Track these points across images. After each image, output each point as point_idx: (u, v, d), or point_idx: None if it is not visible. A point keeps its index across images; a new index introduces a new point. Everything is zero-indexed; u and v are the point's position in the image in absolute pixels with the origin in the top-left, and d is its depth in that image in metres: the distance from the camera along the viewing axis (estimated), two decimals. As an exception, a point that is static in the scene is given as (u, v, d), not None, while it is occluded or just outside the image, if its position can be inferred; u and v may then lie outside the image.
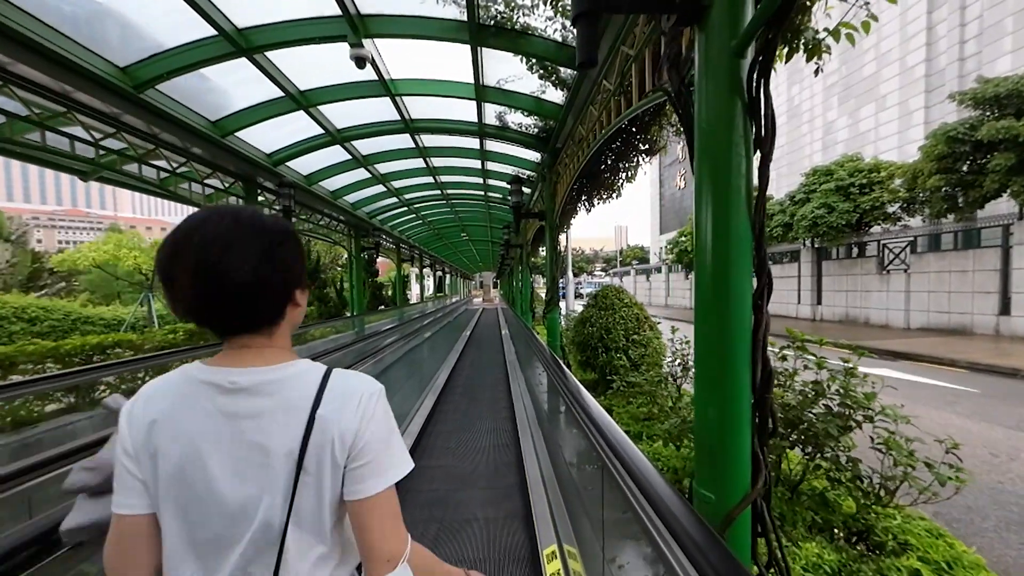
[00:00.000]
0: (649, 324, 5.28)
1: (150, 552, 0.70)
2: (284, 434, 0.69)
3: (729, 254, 1.69)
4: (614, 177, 6.06)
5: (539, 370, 6.99)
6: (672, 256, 33.96)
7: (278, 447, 0.69)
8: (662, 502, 1.27)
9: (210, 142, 5.23)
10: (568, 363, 6.71)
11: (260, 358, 0.74)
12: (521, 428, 4.92)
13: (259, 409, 0.70)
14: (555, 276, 6.68)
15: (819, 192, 18.81)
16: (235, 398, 0.70)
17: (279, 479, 0.69)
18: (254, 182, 6.52)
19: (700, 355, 1.80)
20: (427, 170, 8.94)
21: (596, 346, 5.32)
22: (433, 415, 5.83)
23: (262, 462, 0.69)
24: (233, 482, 0.68)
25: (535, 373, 7.06)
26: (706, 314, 1.77)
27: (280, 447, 0.69)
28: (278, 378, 0.72)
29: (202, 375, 0.72)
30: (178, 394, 0.71)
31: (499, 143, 7.18)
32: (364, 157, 7.77)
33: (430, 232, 17.17)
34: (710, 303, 1.75)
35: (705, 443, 1.80)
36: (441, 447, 4.65)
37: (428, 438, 4.92)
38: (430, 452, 4.50)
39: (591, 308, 5.60)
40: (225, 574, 0.68)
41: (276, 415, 0.70)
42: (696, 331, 1.81)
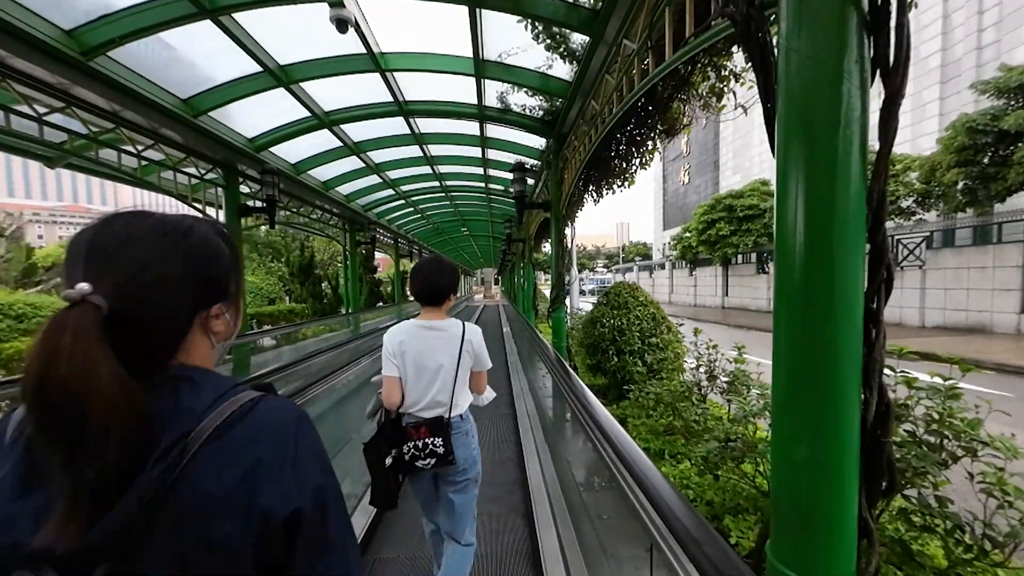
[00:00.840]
0: (667, 325, 4.76)
1: (399, 390, 1.87)
2: (452, 345, 1.90)
3: (831, 238, 1.18)
4: (626, 164, 5.53)
5: (542, 372, 6.51)
6: (676, 252, 33.43)
7: (452, 349, 1.90)
8: (686, 532, 1.15)
9: (181, 123, 4.72)
10: (575, 366, 6.22)
11: (438, 316, 1.95)
12: (525, 442, 4.44)
13: (441, 335, 1.91)
14: (561, 272, 6.17)
15: (831, 186, 18.23)
16: (432, 331, 1.91)
17: (453, 359, 1.88)
18: (235, 169, 6.01)
19: (782, 379, 1.30)
20: (424, 159, 8.42)
21: (607, 349, 4.81)
22: None
23: (445, 354, 1.89)
24: (434, 359, 1.88)
25: (538, 376, 6.58)
26: (792, 322, 1.26)
27: (452, 349, 1.90)
28: (446, 324, 1.94)
29: (418, 323, 1.92)
30: (409, 329, 1.91)
31: (501, 128, 6.65)
32: (356, 144, 7.25)
33: (429, 227, 16.66)
34: (798, 307, 1.25)
35: (787, 499, 1.30)
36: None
37: None
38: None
39: (602, 307, 5.08)
40: (429, 396, 1.86)
41: (448, 338, 1.91)
42: (776, 346, 1.30)
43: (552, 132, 6.01)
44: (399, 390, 1.85)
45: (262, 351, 7.48)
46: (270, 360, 6.55)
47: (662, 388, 3.57)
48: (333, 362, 5.86)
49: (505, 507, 3.31)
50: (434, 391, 1.86)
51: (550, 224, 9.84)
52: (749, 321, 20.93)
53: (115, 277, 0.52)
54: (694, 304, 34.21)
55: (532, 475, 3.74)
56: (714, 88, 3.53)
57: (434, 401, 1.86)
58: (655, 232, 55.45)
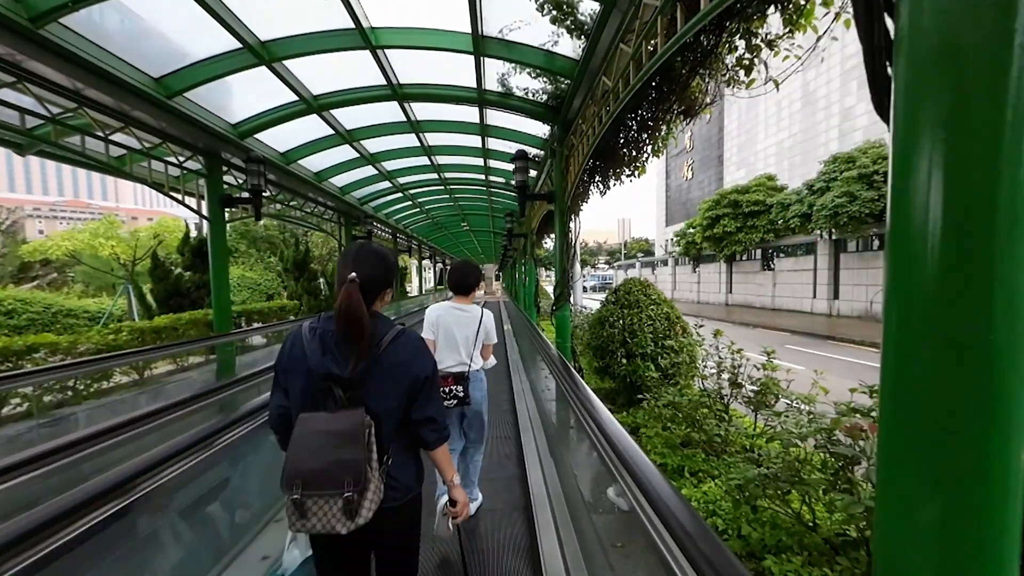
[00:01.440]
0: (682, 326, 4.37)
1: (432, 350, 2.54)
2: (474, 323, 2.70)
3: (994, 219, 0.80)
4: (637, 151, 5.13)
5: (544, 373, 6.14)
6: (680, 248, 33.02)
7: (473, 326, 2.69)
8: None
9: (154, 104, 4.34)
10: (580, 368, 5.84)
11: (466, 302, 2.77)
12: (527, 450, 4.07)
13: (466, 315, 2.71)
14: (566, 267, 5.79)
15: (840, 180, 17.78)
16: (460, 311, 2.71)
17: (473, 333, 2.67)
18: (217, 157, 5.62)
19: (899, 400, 0.92)
20: (421, 149, 8.02)
21: (616, 351, 4.44)
22: None
23: (468, 329, 2.68)
24: (461, 331, 2.67)
25: (540, 377, 6.21)
26: (918, 329, 0.88)
27: (473, 326, 2.69)
28: (470, 308, 2.75)
29: (451, 304, 2.73)
30: (445, 308, 2.72)
31: (502, 113, 6.26)
32: (348, 132, 6.86)
33: (429, 222, 16.27)
34: (929, 309, 0.87)
35: (908, 562, 0.93)
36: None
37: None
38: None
39: (610, 306, 4.69)
40: (456, 357, 2.64)
41: (470, 318, 2.71)
42: (887, 360, 0.93)
43: (557, 118, 5.62)
44: (432, 350, 2.62)
45: (246, 351, 7.04)
46: (246, 365, 6.03)
47: (679, 396, 3.19)
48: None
49: (506, 535, 2.95)
50: (460, 354, 2.68)
51: (553, 217, 9.48)
52: (754, 318, 20.55)
53: (362, 271, 1.27)
54: (697, 301, 33.81)
55: (535, 489, 3.40)
56: (741, 60, 3.14)
57: (459, 361, 2.68)
58: (657, 228, 54.97)
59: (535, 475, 3.49)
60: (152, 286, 8.13)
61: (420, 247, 20.08)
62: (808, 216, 19.43)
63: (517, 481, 3.67)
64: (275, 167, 6.63)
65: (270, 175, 7.13)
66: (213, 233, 5.54)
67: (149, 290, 8.30)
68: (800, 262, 22.77)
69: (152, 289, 8.19)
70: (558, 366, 3.62)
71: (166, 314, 7.45)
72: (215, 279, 5.55)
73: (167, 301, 8.16)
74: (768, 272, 25.40)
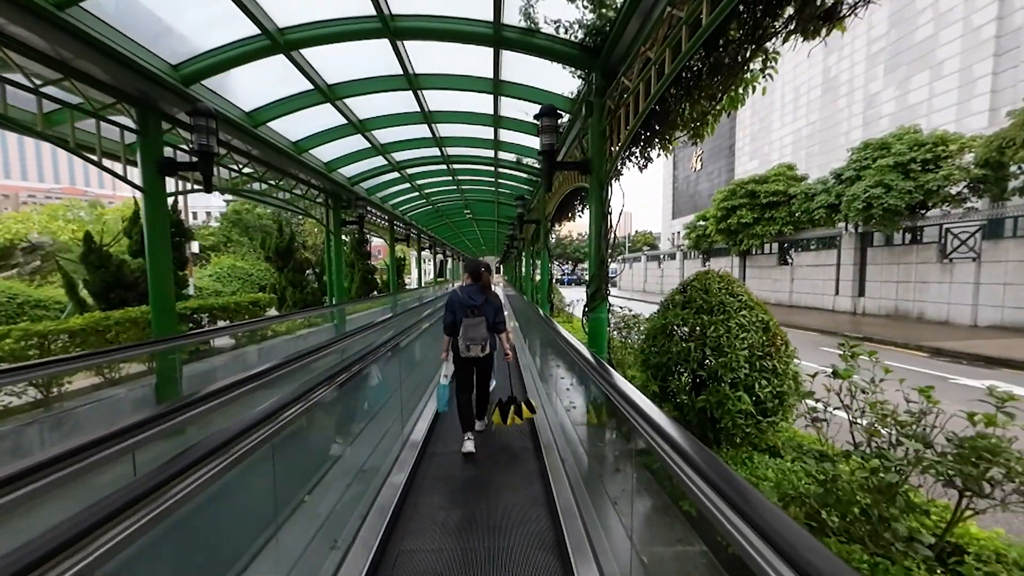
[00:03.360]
0: (783, 338, 3.11)
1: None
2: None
3: None
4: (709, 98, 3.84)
5: (565, 382, 4.90)
6: (689, 241, 31.72)
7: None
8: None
9: (45, 19, 3.05)
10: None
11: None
12: (559, 496, 2.87)
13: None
14: (604, 255, 4.54)
15: (873, 169, 16.46)
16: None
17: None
18: (154, 109, 4.33)
19: None
20: (421, 115, 6.72)
21: (686, 372, 3.18)
22: (425, 454, 3.75)
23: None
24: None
25: (560, 388, 4.98)
26: None
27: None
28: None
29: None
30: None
31: (521, 64, 4.98)
32: (330, 88, 5.56)
33: (429, 208, 14.96)
34: None
35: None
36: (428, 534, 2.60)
37: (409, 522, 2.84)
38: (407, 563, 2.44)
39: (675, 309, 3.41)
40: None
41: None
42: None
43: (596, 62, 4.33)
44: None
45: (200, 360, 5.59)
46: (198, 381, 4.61)
47: (830, 465, 1.96)
48: (318, 367, 3.73)
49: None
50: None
51: (576, 199, 8.17)
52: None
53: (486, 276, 4.09)
54: (707, 296, 32.56)
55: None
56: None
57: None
58: (663, 221, 53.61)
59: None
60: (88, 276, 6.82)
61: (419, 236, 18.78)
62: (835, 207, 18.13)
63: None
64: (237, 128, 5.33)
65: (233, 140, 5.84)
66: (149, 208, 4.27)
67: (83, 281, 7.03)
68: (821, 256, 21.50)
69: (86, 280, 6.90)
70: (599, 376, 2.34)
71: (109, 310, 6.16)
72: (153, 267, 4.29)
73: (106, 294, 6.84)
74: (785, 267, 24.14)
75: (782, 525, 0.94)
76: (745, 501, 1.04)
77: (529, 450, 4.06)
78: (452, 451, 3.96)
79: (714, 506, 1.12)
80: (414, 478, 3.42)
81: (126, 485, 1.10)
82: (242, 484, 1.91)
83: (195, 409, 2.34)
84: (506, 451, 4.01)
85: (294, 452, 2.43)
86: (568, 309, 13.70)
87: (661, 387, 3.37)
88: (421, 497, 3.14)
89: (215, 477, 1.38)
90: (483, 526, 2.77)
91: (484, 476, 3.48)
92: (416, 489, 3.25)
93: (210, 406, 2.43)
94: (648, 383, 3.41)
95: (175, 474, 1.22)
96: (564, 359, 4.37)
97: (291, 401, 1.95)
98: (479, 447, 3.96)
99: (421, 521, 2.83)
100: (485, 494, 3.17)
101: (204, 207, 67.55)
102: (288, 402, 1.92)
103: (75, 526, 0.94)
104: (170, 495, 1.19)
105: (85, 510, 0.99)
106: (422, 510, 2.95)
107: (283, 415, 1.86)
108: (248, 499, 2.06)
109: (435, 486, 3.32)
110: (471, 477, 3.49)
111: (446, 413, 4.27)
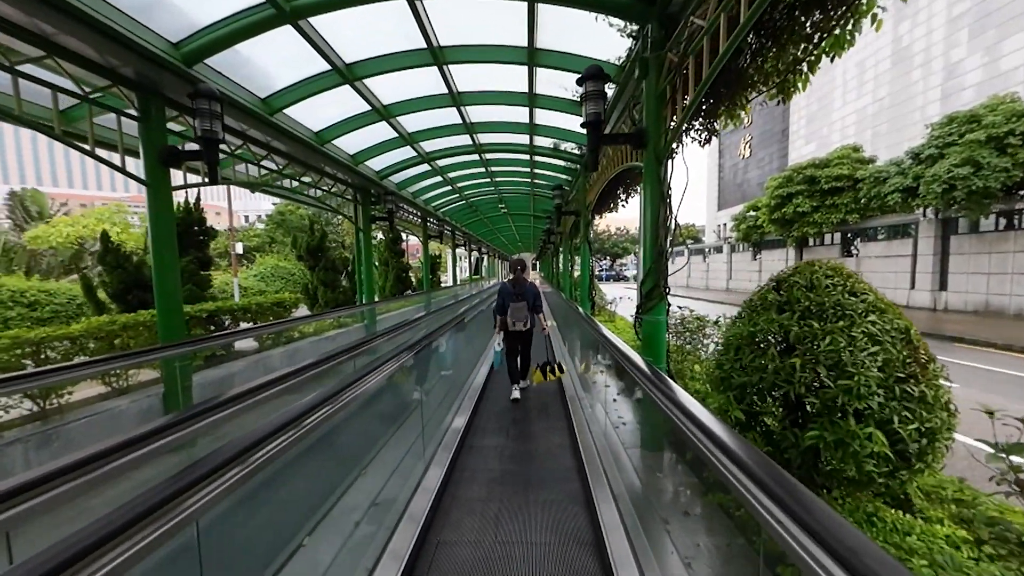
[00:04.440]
0: (927, 352, 2.28)
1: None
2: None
3: None
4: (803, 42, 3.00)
5: (610, 390, 4.25)
6: (738, 233, 29.76)
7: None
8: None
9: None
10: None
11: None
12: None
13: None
14: (664, 247, 3.77)
15: (961, 145, 14.47)
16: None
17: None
18: (156, 92, 3.95)
19: None
20: (449, 97, 6.14)
21: (784, 396, 2.38)
22: (457, 466, 3.22)
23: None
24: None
25: (604, 397, 4.30)
26: None
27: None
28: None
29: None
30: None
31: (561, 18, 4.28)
32: (348, 67, 5.06)
33: (462, 204, 14.45)
34: None
35: None
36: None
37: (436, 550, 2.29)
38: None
39: (767, 313, 2.58)
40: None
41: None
42: None
43: (652, 9, 3.56)
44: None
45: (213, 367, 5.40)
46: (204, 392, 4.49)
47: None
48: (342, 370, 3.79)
49: None
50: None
51: (626, 183, 7.36)
52: (841, 313, 17.51)
53: (521, 272, 5.43)
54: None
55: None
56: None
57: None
58: (707, 213, 50.99)
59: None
60: (106, 276, 6.72)
61: (454, 233, 18.36)
62: (912, 191, 16.14)
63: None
64: (252, 116, 4.93)
65: (250, 131, 5.47)
66: (153, 202, 3.91)
67: (102, 282, 6.97)
68: (893, 246, 19.37)
69: (104, 280, 6.80)
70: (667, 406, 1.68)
71: (128, 312, 6.02)
72: (158, 267, 3.93)
73: (124, 296, 6.72)
74: (849, 259, 22.01)
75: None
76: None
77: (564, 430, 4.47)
78: (503, 396, 5.59)
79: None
80: (476, 413, 5.00)
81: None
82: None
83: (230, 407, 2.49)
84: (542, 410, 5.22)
85: (393, 396, 3.64)
86: (609, 307, 12.81)
87: (746, 412, 2.59)
88: (481, 422, 4.72)
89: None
90: (523, 440, 4.22)
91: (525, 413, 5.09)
92: (478, 417, 4.87)
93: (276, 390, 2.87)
94: (729, 407, 2.64)
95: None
96: (609, 364, 4.42)
97: (377, 368, 2.69)
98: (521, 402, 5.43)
99: (483, 435, 4.31)
100: (526, 418, 4.87)
101: (255, 211, 70.83)
102: (374, 369, 2.66)
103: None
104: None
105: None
106: (482, 430, 4.47)
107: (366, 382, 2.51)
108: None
109: (490, 418, 4.88)
110: (518, 414, 5.01)
111: (495, 371, 5.98)
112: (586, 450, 3.68)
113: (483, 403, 5.35)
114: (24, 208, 30.50)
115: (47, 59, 3.20)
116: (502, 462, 3.71)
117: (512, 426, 4.55)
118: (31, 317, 13.86)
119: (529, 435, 4.33)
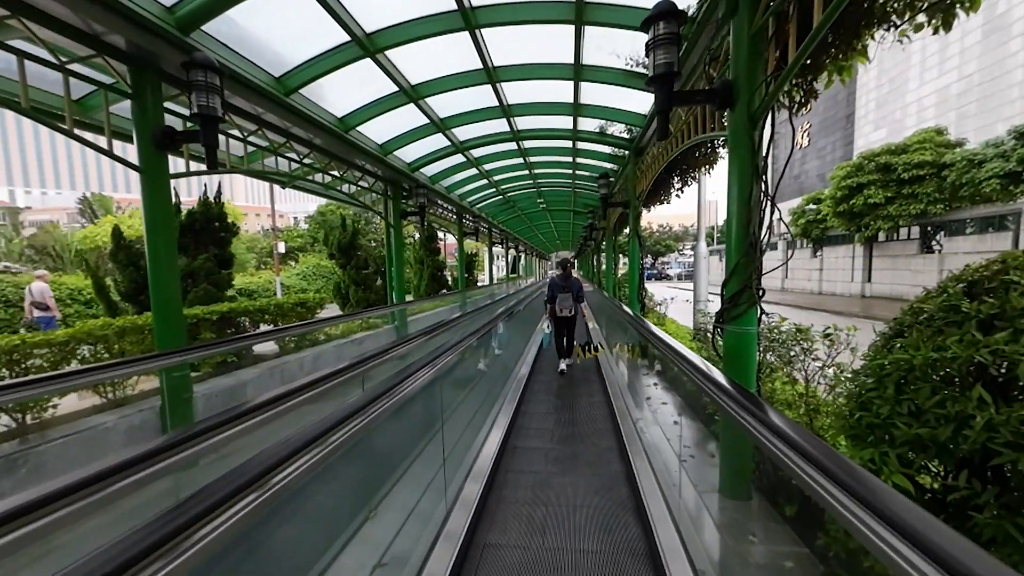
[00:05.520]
0: None
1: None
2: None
3: None
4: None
5: (674, 421, 3.44)
6: (796, 228, 27.50)
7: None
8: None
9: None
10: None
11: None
12: None
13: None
14: (755, 233, 2.89)
15: (1082, 120, 12.30)
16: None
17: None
18: (149, 65, 3.47)
19: None
20: (484, 74, 5.44)
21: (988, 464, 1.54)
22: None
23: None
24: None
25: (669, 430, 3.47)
26: None
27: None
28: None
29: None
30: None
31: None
32: (368, 37, 4.47)
33: (499, 199, 13.78)
34: None
35: None
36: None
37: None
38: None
39: (950, 329, 1.71)
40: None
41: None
42: None
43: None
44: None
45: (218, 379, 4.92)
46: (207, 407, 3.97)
47: None
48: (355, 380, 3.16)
49: None
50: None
51: (682, 168, 6.45)
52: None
53: (569, 268, 6.72)
54: (819, 292, 28.06)
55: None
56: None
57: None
58: (759, 207, 47.94)
59: None
60: (118, 275, 6.50)
61: (490, 230, 17.74)
62: (1016, 176, 13.98)
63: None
64: (266, 97, 4.43)
65: (265, 115, 5.00)
66: (147, 190, 3.44)
67: (113, 281, 6.76)
68: (986, 241, 17.01)
69: (116, 279, 6.59)
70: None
71: (141, 313, 5.77)
72: (153, 265, 3.47)
73: (136, 296, 6.47)
74: (931, 255, 19.64)
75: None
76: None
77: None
78: (550, 368, 6.88)
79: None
80: (530, 382, 6.05)
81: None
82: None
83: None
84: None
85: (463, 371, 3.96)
86: (659, 308, 11.75)
87: (913, 481, 1.71)
88: (533, 393, 5.62)
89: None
90: (566, 399, 5.41)
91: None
92: (531, 384, 5.97)
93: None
94: (882, 470, 1.78)
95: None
96: (668, 380, 4.39)
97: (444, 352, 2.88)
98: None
99: (536, 403, 5.20)
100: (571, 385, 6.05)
101: (304, 212, 73.45)
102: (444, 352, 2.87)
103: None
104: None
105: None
106: (534, 398, 5.41)
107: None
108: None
109: (540, 387, 5.90)
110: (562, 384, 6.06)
111: (544, 350, 7.36)
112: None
113: (534, 376, 6.59)
114: (92, 211, 32.78)
115: (10, 19, 2.76)
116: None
117: (558, 391, 5.90)
118: (87, 314, 14.50)
119: (570, 403, 5.48)
